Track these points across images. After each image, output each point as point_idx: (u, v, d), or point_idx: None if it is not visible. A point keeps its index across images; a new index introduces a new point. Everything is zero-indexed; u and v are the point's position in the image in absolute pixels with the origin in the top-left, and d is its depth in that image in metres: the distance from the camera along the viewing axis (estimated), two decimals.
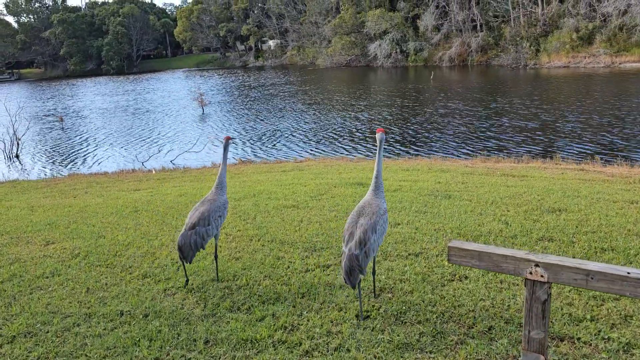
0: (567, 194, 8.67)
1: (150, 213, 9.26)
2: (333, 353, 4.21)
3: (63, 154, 24.90)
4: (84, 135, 30.35)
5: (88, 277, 6.25)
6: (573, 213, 7.43)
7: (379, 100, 34.87)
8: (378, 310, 4.84)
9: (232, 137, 6.36)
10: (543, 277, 3.16)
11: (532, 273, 3.20)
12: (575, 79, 38.57)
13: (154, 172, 16.54)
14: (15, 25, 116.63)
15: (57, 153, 25.41)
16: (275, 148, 21.99)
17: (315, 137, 23.68)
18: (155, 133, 29.20)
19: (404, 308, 4.83)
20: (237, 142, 23.82)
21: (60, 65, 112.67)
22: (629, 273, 2.89)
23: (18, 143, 24.87)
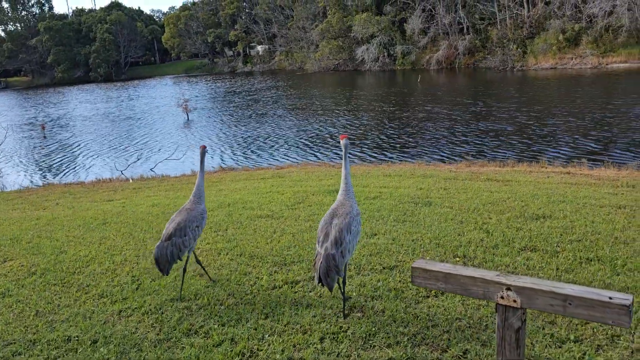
0: (552, 199, 8.33)
1: (119, 225, 8.83)
2: None
3: (41, 163, 24.30)
4: (64, 144, 29.75)
5: (40, 297, 5.83)
6: (558, 220, 7.08)
7: (363, 105, 34.56)
8: (345, 333, 4.45)
9: (206, 146, 6.01)
10: (516, 302, 2.79)
11: (503, 297, 2.83)
12: (562, 81, 38.48)
13: (131, 180, 16.05)
14: (2, 34, 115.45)
15: (34, 162, 24.81)
16: (256, 154, 21.57)
17: (297, 142, 23.29)
18: (137, 141, 28.65)
19: (374, 329, 4.45)
20: (218, 148, 23.33)
21: (48, 73, 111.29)
22: (611, 298, 2.54)
23: None
